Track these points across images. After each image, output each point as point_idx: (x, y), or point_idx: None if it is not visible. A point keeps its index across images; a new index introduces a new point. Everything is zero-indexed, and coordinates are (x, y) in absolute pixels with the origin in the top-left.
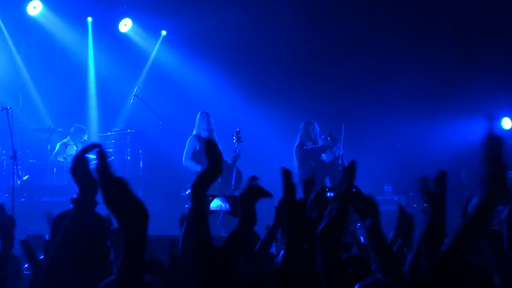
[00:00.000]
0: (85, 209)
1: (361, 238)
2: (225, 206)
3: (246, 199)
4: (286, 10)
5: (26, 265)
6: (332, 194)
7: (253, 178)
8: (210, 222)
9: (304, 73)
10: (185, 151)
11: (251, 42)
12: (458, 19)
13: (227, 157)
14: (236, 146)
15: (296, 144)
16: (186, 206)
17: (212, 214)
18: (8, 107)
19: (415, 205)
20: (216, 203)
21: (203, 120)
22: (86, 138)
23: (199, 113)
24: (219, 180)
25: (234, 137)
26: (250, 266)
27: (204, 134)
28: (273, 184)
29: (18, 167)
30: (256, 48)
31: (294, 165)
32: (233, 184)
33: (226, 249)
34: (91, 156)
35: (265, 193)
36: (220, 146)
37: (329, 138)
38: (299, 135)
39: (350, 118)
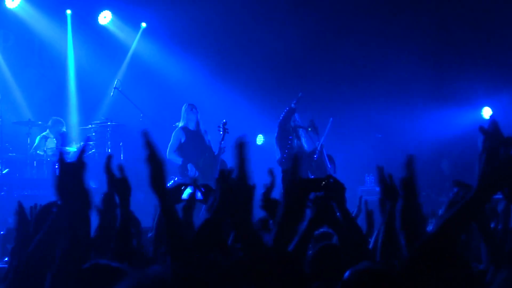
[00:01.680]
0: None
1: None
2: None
3: (222, 184)
4: None
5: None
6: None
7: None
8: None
9: (288, 64)
10: (170, 144)
11: (234, 32)
12: (439, 9)
13: (214, 149)
14: (222, 137)
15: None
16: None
17: (184, 202)
18: None
19: None
20: (187, 193)
21: (191, 112)
22: (64, 130)
23: (186, 104)
24: (192, 172)
25: (220, 129)
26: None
27: (192, 126)
28: (259, 174)
29: None
30: (239, 38)
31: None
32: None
33: (199, 237)
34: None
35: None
36: (206, 138)
37: (309, 129)
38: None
39: (332, 108)
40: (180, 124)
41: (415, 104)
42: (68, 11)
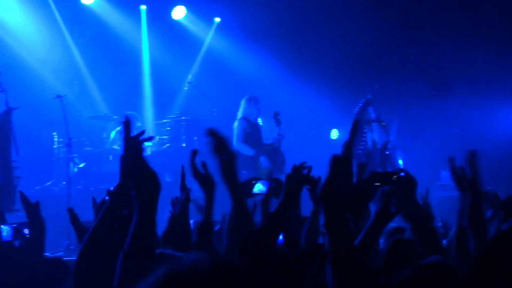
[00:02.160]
0: (121, 201)
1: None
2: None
3: (293, 181)
4: None
5: None
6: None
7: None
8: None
9: (361, 59)
10: (235, 134)
11: (307, 26)
12: None
13: (268, 141)
14: (279, 128)
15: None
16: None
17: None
18: (63, 95)
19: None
20: (258, 187)
21: (255, 105)
22: (139, 125)
23: (247, 97)
24: (266, 165)
25: (274, 120)
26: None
27: (252, 118)
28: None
29: (74, 155)
30: (312, 33)
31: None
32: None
33: (265, 229)
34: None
35: (311, 182)
36: (265, 130)
37: (383, 124)
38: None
39: (407, 103)
40: (240, 115)
41: (492, 98)
42: (143, 7)
